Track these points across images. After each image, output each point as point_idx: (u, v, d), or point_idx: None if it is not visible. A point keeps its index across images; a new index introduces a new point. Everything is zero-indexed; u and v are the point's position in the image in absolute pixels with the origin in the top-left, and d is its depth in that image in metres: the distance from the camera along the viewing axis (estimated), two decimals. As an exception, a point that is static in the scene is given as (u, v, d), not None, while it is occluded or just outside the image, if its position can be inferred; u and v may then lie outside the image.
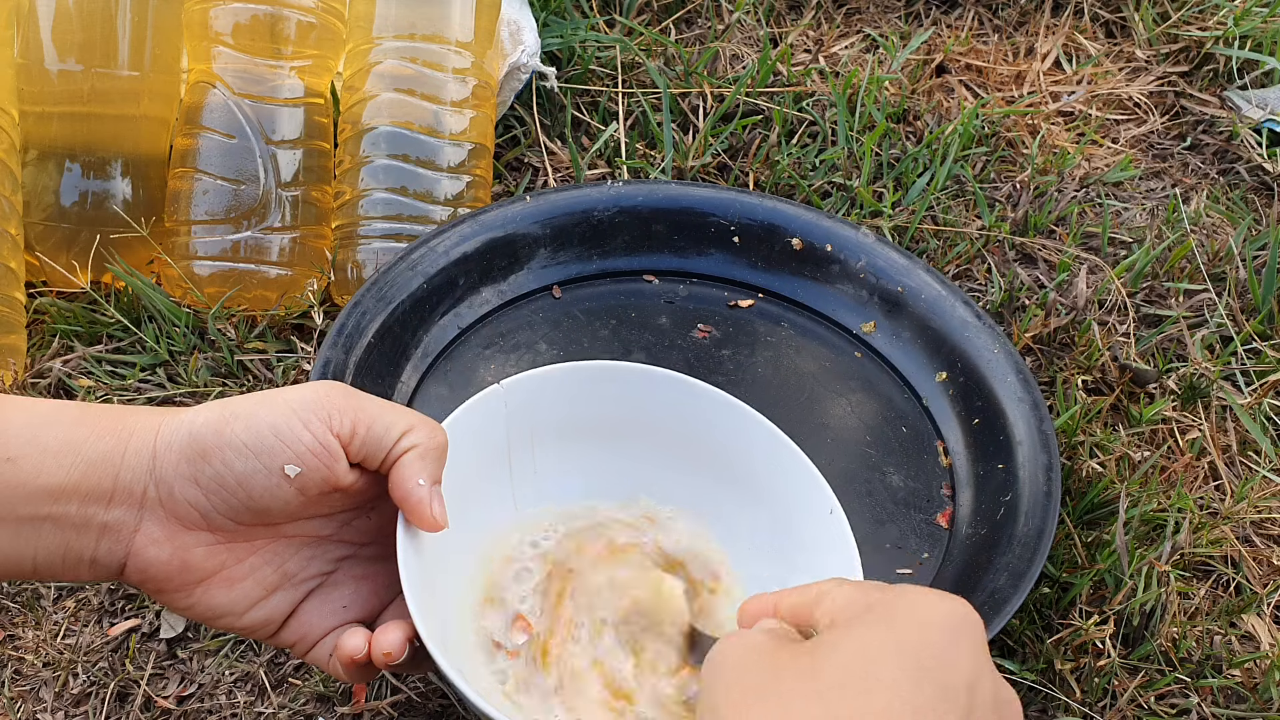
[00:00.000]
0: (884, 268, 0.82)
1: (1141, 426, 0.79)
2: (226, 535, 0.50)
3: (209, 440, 0.47)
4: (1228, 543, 0.72)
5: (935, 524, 0.73)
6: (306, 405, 0.48)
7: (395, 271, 0.77)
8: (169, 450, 0.47)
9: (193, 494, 0.48)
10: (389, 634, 0.49)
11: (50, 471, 0.46)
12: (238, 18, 0.81)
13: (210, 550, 0.49)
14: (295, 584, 0.52)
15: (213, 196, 0.80)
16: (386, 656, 0.49)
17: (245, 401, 0.49)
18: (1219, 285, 0.89)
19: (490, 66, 0.88)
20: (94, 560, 0.48)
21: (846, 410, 0.78)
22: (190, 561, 0.49)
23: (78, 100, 0.80)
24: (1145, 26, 1.09)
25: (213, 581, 0.50)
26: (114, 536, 0.48)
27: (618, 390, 0.60)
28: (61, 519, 0.47)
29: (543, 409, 0.59)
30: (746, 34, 1.06)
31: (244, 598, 0.51)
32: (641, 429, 0.60)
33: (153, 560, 0.48)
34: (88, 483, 0.47)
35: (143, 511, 0.48)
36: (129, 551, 0.48)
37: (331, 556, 0.53)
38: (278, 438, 0.48)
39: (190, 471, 0.47)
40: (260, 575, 0.51)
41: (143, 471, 0.47)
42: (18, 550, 0.47)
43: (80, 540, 0.48)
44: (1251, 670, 0.67)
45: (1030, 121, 1.01)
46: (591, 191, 0.84)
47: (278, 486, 0.48)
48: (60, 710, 0.65)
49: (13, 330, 0.76)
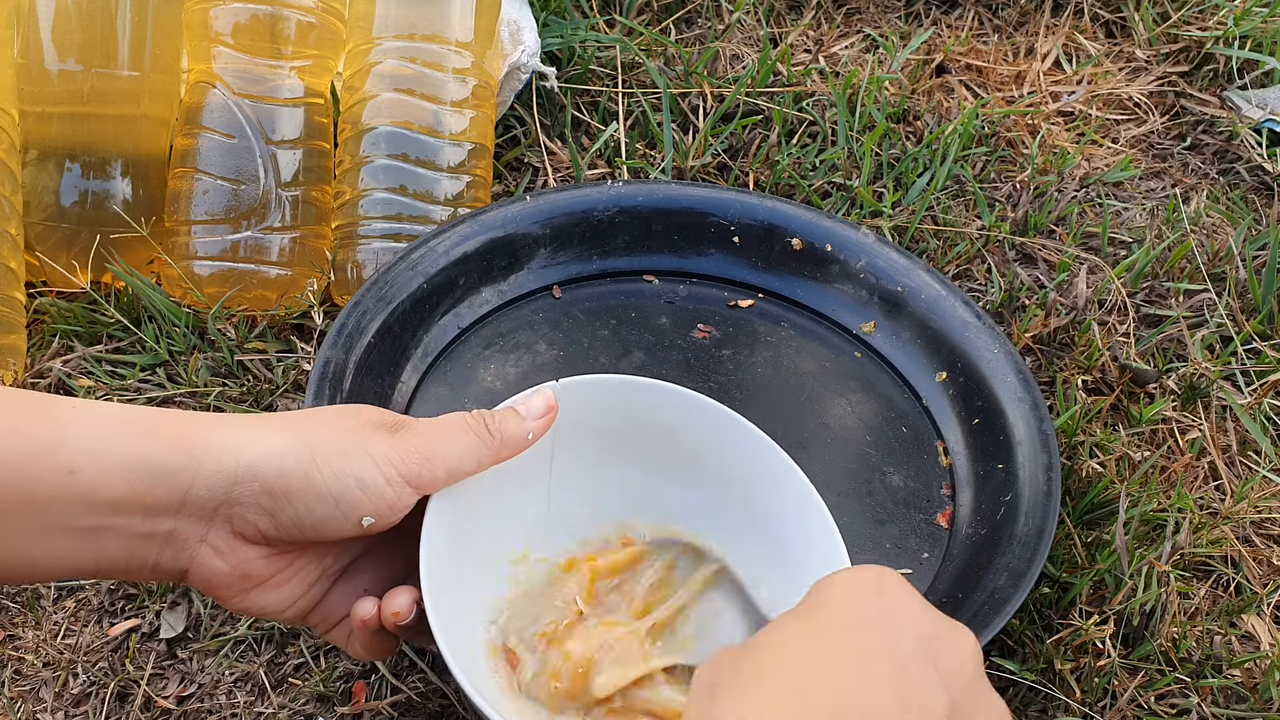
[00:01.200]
0: (884, 268, 0.82)
1: (1141, 426, 0.79)
2: (282, 549, 0.51)
3: (295, 483, 0.48)
4: (1228, 543, 0.72)
5: (935, 524, 0.73)
6: (388, 458, 0.50)
7: (395, 271, 0.77)
8: (251, 479, 0.48)
9: (265, 523, 0.49)
10: (398, 596, 0.51)
11: (114, 484, 0.47)
12: (238, 18, 0.81)
13: (267, 561, 0.51)
14: (329, 576, 0.54)
15: (213, 196, 0.80)
16: (395, 616, 0.51)
17: (330, 442, 0.49)
18: (1219, 285, 0.89)
19: (490, 66, 0.88)
20: (156, 565, 0.50)
21: (846, 410, 0.78)
22: (249, 572, 0.51)
23: (78, 100, 0.80)
24: (1145, 26, 1.09)
25: (266, 586, 0.52)
26: (178, 546, 0.49)
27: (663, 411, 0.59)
28: (125, 529, 0.48)
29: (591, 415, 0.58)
30: (746, 34, 1.06)
31: (290, 595, 0.53)
32: (675, 451, 0.60)
33: (215, 571, 0.50)
34: (153, 496, 0.47)
35: (210, 526, 0.49)
36: (192, 561, 0.50)
37: (358, 548, 0.55)
38: (362, 491, 0.49)
39: (270, 505, 0.49)
40: (304, 575, 0.53)
41: (219, 491, 0.48)
42: (79, 556, 0.48)
43: (144, 548, 0.49)
44: (1251, 670, 0.67)
45: (1030, 121, 1.01)
46: (591, 191, 0.84)
47: (348, 529, 0.50)
48: (60, 710, 0.65)
49: (13, 330, 0.76)
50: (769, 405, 0.78)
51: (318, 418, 0.51)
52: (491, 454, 0.53)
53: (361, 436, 0.50)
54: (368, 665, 0.66)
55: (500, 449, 0.53)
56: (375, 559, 0.55)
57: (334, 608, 0.55)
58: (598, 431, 0.59)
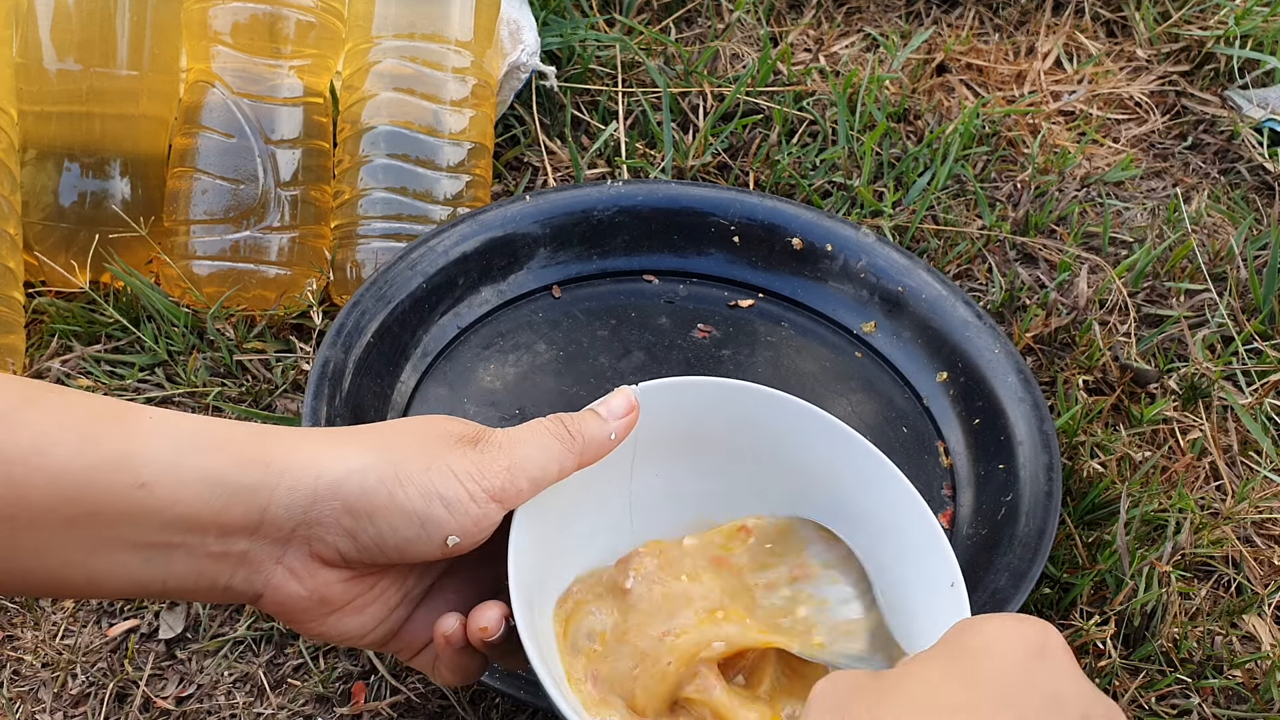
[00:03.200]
0: (884, 267, 0.82)
1: (1142, 426, 0.79)
2: (362, 572, 0.49)
3: (380, 501, 0.46)
4: (1229, 543, 0.72)
5: (936, 524, 0.72)
6: (470, 473, 0.48)
7: (395, 271, 0.77)
8: (332, 498, 0.46)
9: (345, 544, 0.47)
10: (486, 610, 0.49)
11: (187, 501, 0.45)
12: (237, 17, 0.81)
13: (346, 585, 0.49)
14: (411, 599, 0.52)
15: (212, 196, 0.80)
16: (483, 631, 0.48)
17: (412, 459, 0.47)
18: (1220, 285, 0.89)
19: (490, 66, 0.88)
20: (228, 588, 0.47)
21: (847, 410, 0.78)
22: (328, 596, 0.49)
23: (76, 100, 0.80)
24: (1146, 26, 1.09)
25: (345, 611, 0.50)
26: (253, 568, 0.47)
27: (750, 412, 0.57)
28: (196, 548, 0.46)
29: (670, 419, 0.56)
30: (746, 33, 1.06)
31: (371, 620, 0.51)
32: (765, 456, 0.57)
33: (292, 594, 0.48)
34: (228, 515, 0.45)
35: (287, 548, 0.47)
36: (267, 584, 0.48)
37: (440, 569, 0.53)
38: (447, 509, 0.47)
39: (352, 526, 0.46)
40: (386, 599, 0.51)
41: (297, 511, 0.46)
42: (147, 574, 0.46)
43: (215, 568, 0.46)
44: (1252, 671, 0.67)
45: (1031, 121, 1.01)
46: (591, 191, 0.84)
47: (433, 550, 0.48)
48: (59, 711, 0.65)
49: (11, 330, 0.76)
50: (769, 405, 0.78)
51: (397, 431, 0.49)
52: (574, 456, 0.50)
53: (443, 451, 0.48)
54: (367, 665, 0.66)
55: (583, 451, 0.51)
56: (459, 579, 0.53)
57: (417, 632, 0.52)
58: (679, 436, 0.57)
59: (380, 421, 0.51)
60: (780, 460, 0.57)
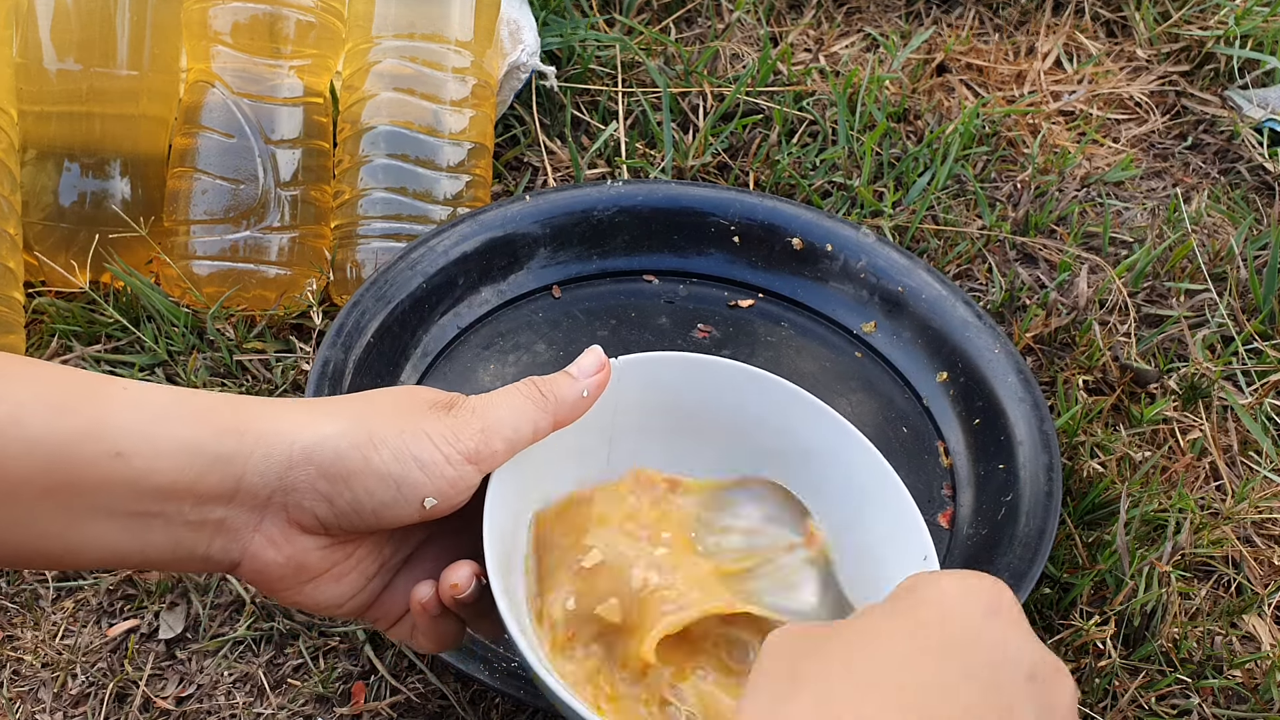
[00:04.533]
0: (884, 267, 0.82)
1: (1142, 426, 0.79)
2: (340, 538, 0.49)
3: (354, 465, 0.46)
4: (1229, 543, 0.72)
5: (936, 524, 0.72)
6: (445, 436, 0.48)
7: (395, 271, 0.77)
8: (307, 463, 0.46)
9: (323, 509, 0.47)
10: (458, 569, 0.49)
11: (163, 470, 0.45)
12: (237, 17, 0.81)
13: (324, 552, 0.49)
14: (389, 568, 0.52)
15: (211, 196, 0.80)
16: (454, 589, 0.49)
17: (386, 423, 0.47)
18: (1220, 285, 0.89)
19: (490, 66, 0.88)
20: (206, 556, 0.47)
21: (847, 410, 0.78)
22: (305, 563, 0.49)
23: (76, 100, 0.80)
24: (1146, 26, 1.09)
25: (323, 579, 0.50)
26: (230, 536, 0.47)
27: (733, 389, 0.58)
28: (174, 517, 0.46)
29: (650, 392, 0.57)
30: (746, 33, 1.06)
31: (349, 589, 0.51)
32: (746, 433, 0.58)
33: (270, 562, 0.48)
34: (204, 483, 0.45)
35: (264, 515, 0.47)
36: (245, 552, 0.48)
37: (418, 538, 0.53)
38: (423, 471, 0.47)
39: (328, 490, 0.47)
40: (363, 567, 0.51)
41: (273, 477, 0.46)
42: (125, 543, 0.46)
43: (193, 537, 0.47)
44: (1252, 671, 0.67)
45: (1031, 121, 1.01)
46: (591, 191, 0.84)
47: (410, 514, 0.48)
48: (59, 711, 0.65)
49: (11, 330, 0.76)
50: (769, 405, 0.78)
51: (371, 400, 0.50)
52: (548, 416, 0.51)
53: (417, 416, 0.48)
54: (367, 665, 0.66)
55: (556, 410, 0.51)
56: (436, 548, 0.53)
57: (395, 602, 0.52)
58: (658, 408, 0.57)
59: (355, 394, 0.51)
60: (754, 434, 0.58)
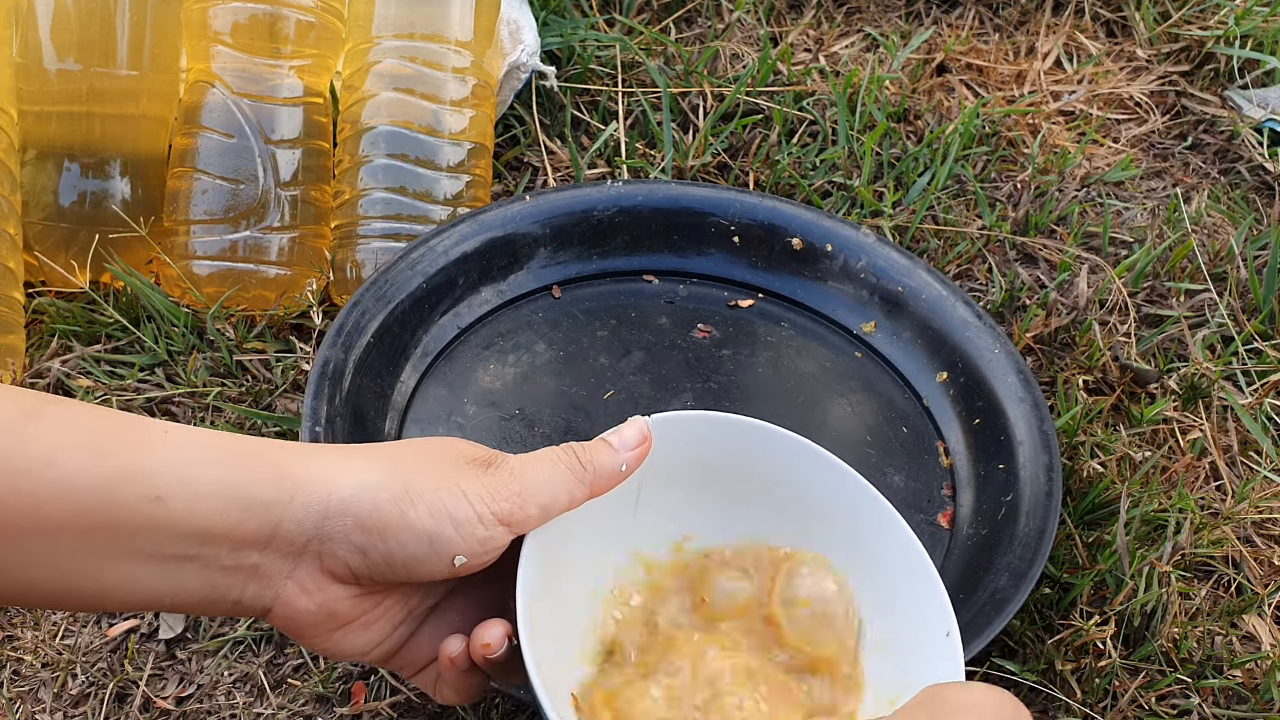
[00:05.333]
0: (884, 267, 0.82)
1: (1142, 426, 0.79)
2: (370, 589, 0.50)
3: (391, 518, 0.46)
4: (1229, 543, 0.72)
5: (936, 524, 0.72)
6: (482, 496, 0.48)
7: (395, 271, 0.77)
8: (344, 514, 0.46)
9: (356, 560, 0.47)
10: (491, 628, 0.49)
11: (202, 514, 0.45)
12: (237, 17, 0.81)
13: (354, 601, 0.49)
14: (415, 617, 0.52)
15: (211, 196, 0.80)
16: (485, 648, 0.49)
17: (424, 477, 0.47)
18: (1220, 285, 0.89)
19: (490, 66, 0.88)
20: (238, 601, 0.48)
21: (847, 410, 0.78)
22: (336, 611, 0.49)
23: (76, 100, 0.80)
24: (1146, 26, 1.09)
25: (352, 627, 0.50)
26: (264, 582, 0.47)
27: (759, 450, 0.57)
28: (209, 561, 0.46)
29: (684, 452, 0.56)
30: (746, 33, 1.06)
31: (376, 637, 0.51)
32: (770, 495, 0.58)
33: (301, 609, 0.48)
34: (242, 529, 0.46)
35: (298, 562, 0.47)
36: (277, 599, 0.48)
37: (444, 588, 0.53)
38: (456, 530, 0.47)
39: (362, 542, 0.47)
40: (390, 616, 0.51)
41: (309, 526, 0.46)
42: (158, 586, 0.46)
43: (227, 581, 0.47)
44: (1252, 671, 0.67)
45: (1031, 121, 1.01)
46: (591, 191, 0.84)
47: (440, 570, 0.48)
48: (59, 711, 0.65)
49: (11, 330, 0.76)
50: (769, 405, 0.78)
51: (409, 450, 0.50)
52: (585, 487, 0.51)
53: (455, 473, 0.48)
54: (367, 666, 0.66)
55: (594, 482, 0.51)
56: (462, 600, 0.53)
57: (420, 650, 0.53)
58: (685, 469, 0.57)
59: (393, 442, 0.51)
60: (784, 499, 0.57)
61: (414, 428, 0.74)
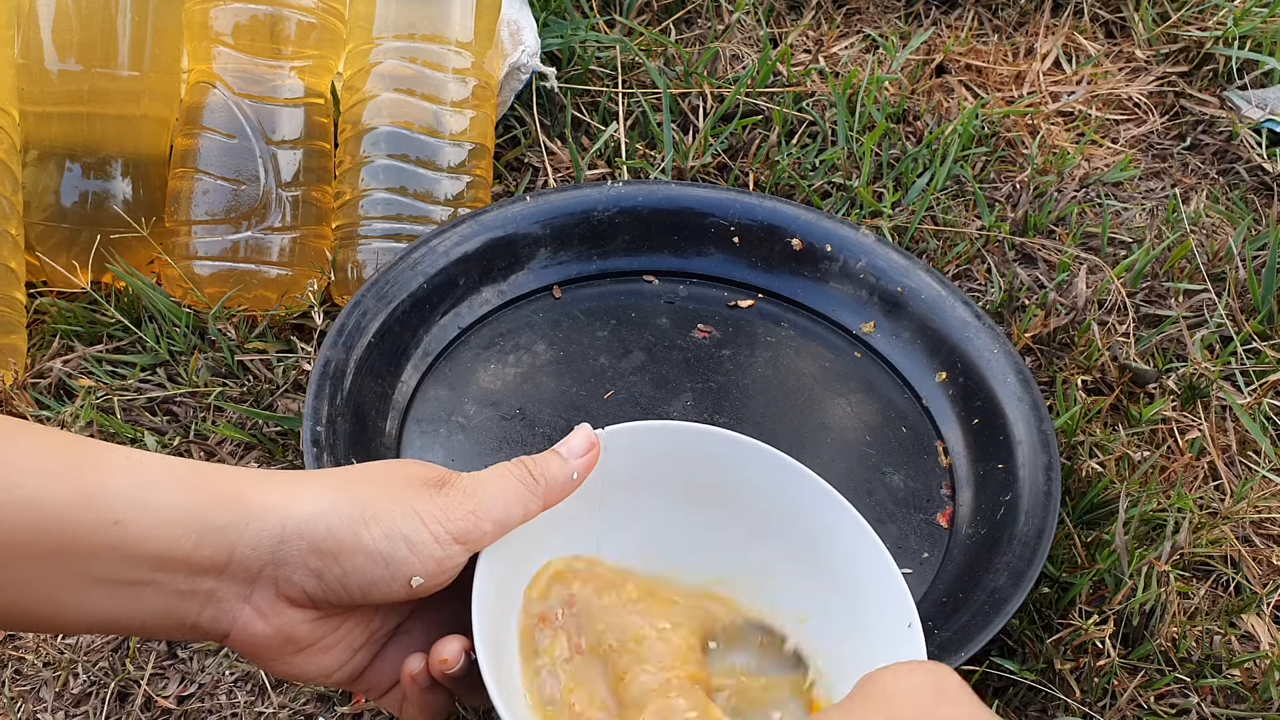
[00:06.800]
0: (884, 268, 0.82)
1: (1141, 426, 0.79)
2: (328, 612, 0.50)
3: (345, 541, 0.47)
4: (1227, 542, 0.72)
5: (935, 524, 0.73)
6: (435, 516, 0.48)
7: (396, 271, 0.77)
8: (299, 539, 0.47)
9: (311, 584, 0.47)
10: (448, 644, 0.50)
11: (160, 538, 0.45)
12: (238, 18, 0.81)
13: (312, 625, 0.49)
14: (377, 640, 0.53)
15: (213, 196, 0.81)
16: (443, 664, 0.49)
17: (378, 500, 0.48)
18: (1219, 285, 0.89)
19: (490, 67, 0.88)
20: (195, 625, 0.48)
21: (846, 410, 0.78)
22: (294, 635, 0.49)
23: (78, 100, 0.80)
24: (1145, 27, 1.09)
25: (311, 651, 0.50)
26: (220, 607, 0.47)
27: (711, 455, 0.57)
28: (165, 585, 0.46)
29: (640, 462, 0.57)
30: (746, 34, 1.06)
31: (336, 660, 0.51)
32: (731, 501, 0.58)
33: (258, 634, 0.48)
34: (199, 554, 0.46)
35: (254, 587, 0.47)
36: (234, 623, 0.48)
37: (405, 610, 0.54)
38: (410, 550, 0.47)
39: (318, 565, 0.47)
40: (351, 639, 0.51)
41: (264, 551, 0.47)
42: (115, 610, 0.46)
43: (183, 606, 0.47)
44: (1251, 670, 0.67)
45: (1030, 121, 1.01)
46: (591, 192, 0.84)
47: (397, 592, 0.48)
48: (60, 710, 0.65)
49: (13, 330, 0.77)
50: (769, 405, 0.78)
51: (363, 475, 0.50)
52: (538, 499, 0.51)
53: (408, 494, 0.48)
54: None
55: (546, 493, 0.51)
56: (423, 621, 0.53)
57: (383, 673, 0.53)
58: (648, 479, 0.57)
59: (347, 466, 0.51)
60: (743, 504, 0.58)
61: (415, 428, 0.75)
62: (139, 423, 0.76)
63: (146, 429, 0.76)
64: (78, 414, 0.75)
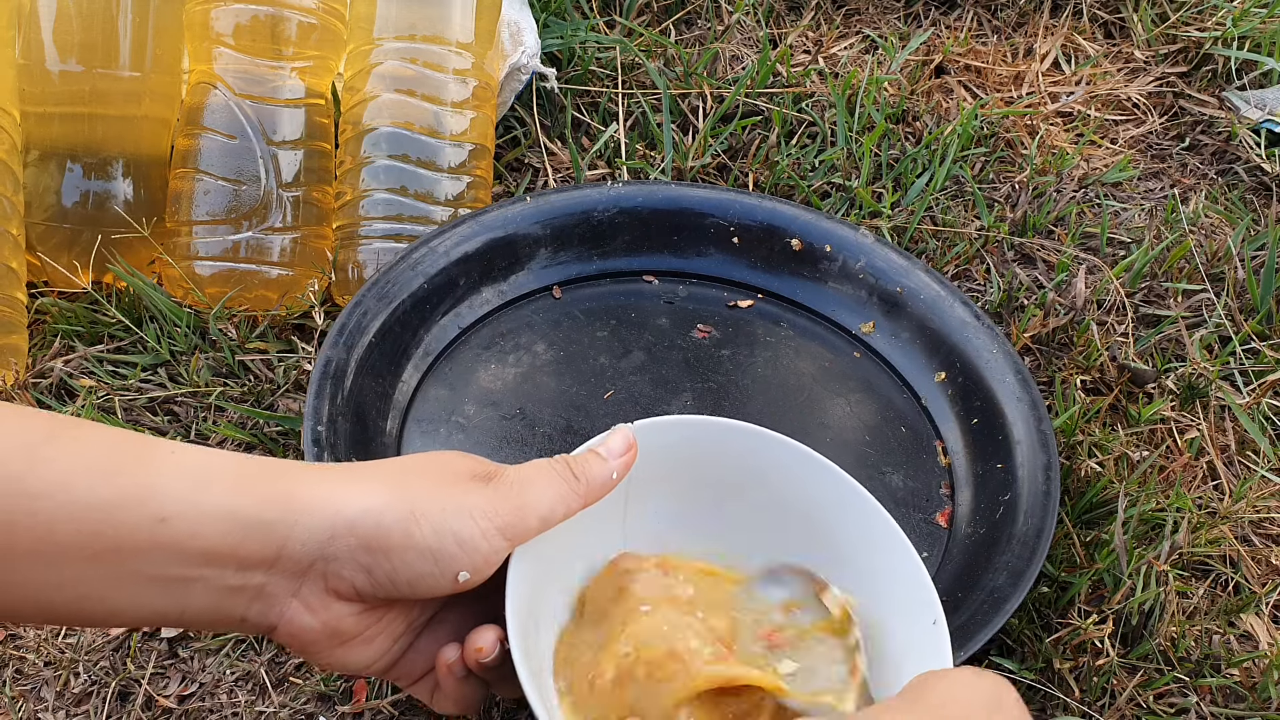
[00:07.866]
0: (883, 268, 0.83)
1: (1140, 426, 0.79)
2: (373, 605, 0.50)
3: (395, 538, 0.47)
4: (1226, 542, 0.72)
5: (934, 523, 0.73)
6: (484, 511, 0.49)
7: (396, 271, 0.77)
8: (349, 534, 0.47)
9: (360, 579, 0.48)
10: (483, 633, 0.51)
11: (206, 535, 0.45)
12: (239, 18, 0.81)
13: (357, 618, 0.50)
14: (414, 629, 0.53)
15: (214, 197, 0.81)
16: (478, 652, 0.50)
17: (428, 496, 0.48)
18: (1217, 285, 0.89)
19: (490, 67, 0.88)
20: (244, 619, 0.48)
21: (846, 410, 0.79)
22: (339, 628, 0.50)
23: (79, 101, 0.80)
24: (1144, 27, 1.09)
25: (355, 643, 0.51)
26: (268, 601, 0.48)
27: (741, 450, 0.58)
28: (214, 581, 0.46)
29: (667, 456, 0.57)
30: (746, 35, 1.07)
31: (377, 651, 0.52)
32: (755, 493, 0.58)
33: (305, 627, 0.49)
34: (246, 549, 0.46)
35: (303, 581, 0.48)
36: (281, 617, 0.48)
37: (441, 600, 0.54)
38: (460, 547, 0.48)
39: (367, 561, 0.47)
40: (392, 629, 0.52)
41: (314, 546, 0.47)
42: (165, 605, 0.47)
43: (232, 601, 0.47)
44: (1250, 669, 0.68)
45: (1029, 122, 1.02)
46: (591, 192, 0.85)
47: (444, 586, 0.49)
48: (61, 709, 0.65)
49: (14, 330, 0.77)
50: (768, 405, 0.78)
51: (412, 469, 0.50)
52: (580, 499, 0.52)
53: (457, 490, 0.49)
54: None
55: (588, 492, 0.52)
56: (458, 611, 0.54)
57: (417, 662, 0.53)
58: (671, 473, 0.57)
59: (395, 459, 0.52)
60: (768, 496, 0.58)
61: (415, 427, 0.75)
62: (140, 422, 0.76)
63: (147, 429, 0.76)
64: (79, 414, 0.75)
